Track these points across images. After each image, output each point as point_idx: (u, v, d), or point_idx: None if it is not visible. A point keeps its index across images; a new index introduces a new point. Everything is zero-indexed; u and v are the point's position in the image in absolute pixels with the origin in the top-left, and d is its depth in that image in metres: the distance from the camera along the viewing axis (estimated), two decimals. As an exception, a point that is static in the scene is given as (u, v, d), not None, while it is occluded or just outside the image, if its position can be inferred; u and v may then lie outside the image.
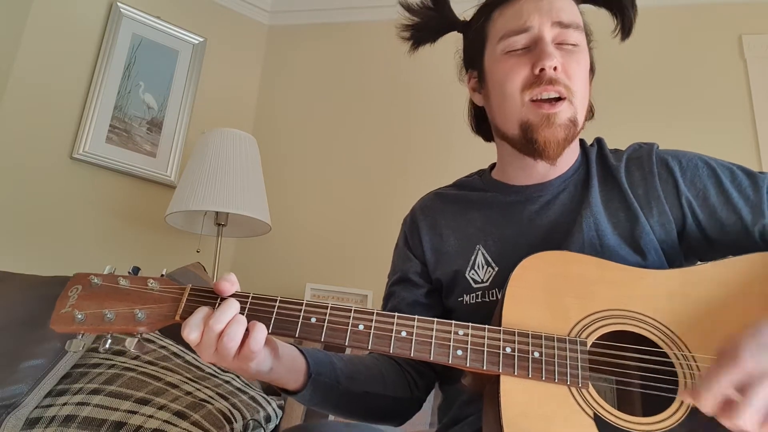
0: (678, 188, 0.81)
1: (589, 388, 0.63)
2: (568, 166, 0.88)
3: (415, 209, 0.99)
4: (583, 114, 0.84)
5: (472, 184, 0.97)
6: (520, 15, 0.83)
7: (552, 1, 0.83)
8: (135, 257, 2.01)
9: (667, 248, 0.80)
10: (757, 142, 1.91)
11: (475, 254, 0.87)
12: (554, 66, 0.79)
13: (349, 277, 2.07)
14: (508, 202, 0.89)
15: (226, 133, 1.91)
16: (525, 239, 0.83)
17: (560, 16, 0.81)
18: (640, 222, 0.80)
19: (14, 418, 1.08)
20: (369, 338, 0.66)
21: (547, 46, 0.80)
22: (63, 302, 0.69)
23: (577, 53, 0.82)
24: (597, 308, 0.68)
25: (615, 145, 0.94)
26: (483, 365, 0.64)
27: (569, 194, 0.86)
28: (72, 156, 1.94)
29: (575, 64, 0.81)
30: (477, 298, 0.84)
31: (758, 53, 1.99)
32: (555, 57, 0.79)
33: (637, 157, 0.86)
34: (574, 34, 0.82)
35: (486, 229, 0.88)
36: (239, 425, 1.16)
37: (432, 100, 2.20)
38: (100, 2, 2.12)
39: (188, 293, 0.69)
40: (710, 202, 0.80)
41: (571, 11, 0.84)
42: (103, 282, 0.71)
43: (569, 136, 0.81)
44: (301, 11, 2.49)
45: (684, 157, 0.84)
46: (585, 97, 0.84)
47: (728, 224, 0.79)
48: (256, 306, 0.68)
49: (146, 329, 0.67)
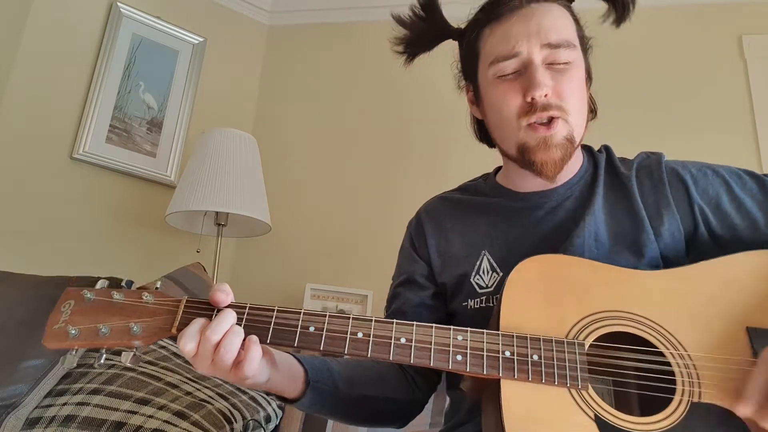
0: (690, 197, 0.82)
1: (589, 389, 0.63)
2: (572, 173, 0.89)
3: (420, 212, 0.99)
4: (581, 127, 0.84)
5: (477, 189, 0.97)
6: (508, 39, 0.82)
7: (541, 20, 0.81)
8: (135, 257, 2.02)
9: (672, 256, 0.80)
10: (757, 142, 1.91)
11: (481, 259, 0.87)
12: (545, 93, 0.79)
13: (349, 277, 2.07)
14: (513, 208, 0.89)
15: (226, 133, 1.91)
16: (530, 245, 0.84)
17: (549, 37, 0.80)
18: (645, 231, 0.80)
19: (14, 418, 1.08)
20: (368, 346, 0.66)
21: (536, 72, 0.79)
22: (56, 318, 0.68)
23: (569, 71, 0.81)
24: (593, 310, 0.68)
25: (615, 146, 0.94)
26: (483, 370, 0.64)
27: (574, 200, 0.86)
28: (72, 156, 1.94)
29: (567, 83, 0.80)
30: (481, 303, 0.84)
31: (758, 53, 1.99)
32: (544, 84, 0.78)
33: (647, 165, 0.87)
34: (565, 53, 0.81)
35: (491, 235, 0.88)
36: (239, 425, 1.16)
37: (432, 100, 2.20)
38: (100, 2, 2.12)
39: (184, 305, 0.68)
40: (723, 208, 0.81)
41: (562, 28, 0.82)
42: (96, 296, 0.69)
43: (566, 155, 0.81)
44: (301, 11, 2.49)
45: (694, 167, 0.85)
46: (581, 111, 0.83)
47: (741, 229, 0.80)
48: (253, 316, 0.68)
49: (142, 343, 0.67)
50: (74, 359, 0.66)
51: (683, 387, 0.63)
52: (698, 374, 0.63)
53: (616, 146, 0.95)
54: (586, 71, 0.87)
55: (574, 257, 0.74)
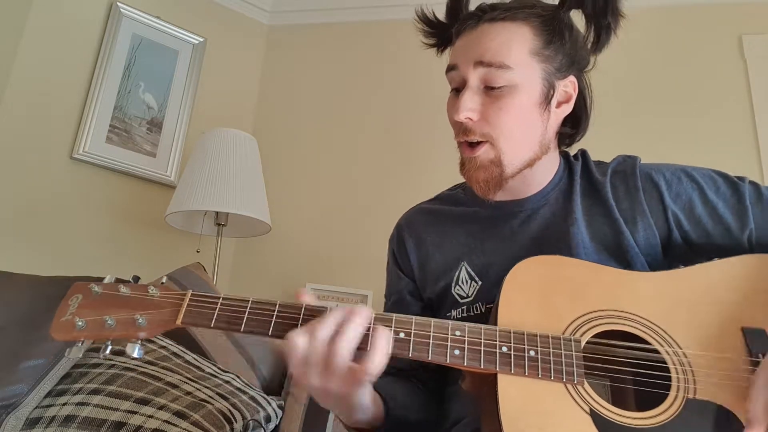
0: (663, 202, 0.82)
1: (585, 385, 0.64)
2: (544, 183, 0.89)
3: (400, 225, 0.99)
4: (516, 152, 0.82)
5: (455, 198, 0.98)
6: (454, 52, 0.85)
7: (481, 38, 0.80)
8: (135, 257, 2.02)
9: (651, 260, 0.81)
10: (757, 142, 1.91)
11: (459, 270, 0.87)
12: (466, 117, 0.80)
13: (349, 277, 2.07)
14: (489, 217, 0.90)
15: (226, 133, 1.91)
16: (508, 253, 0.84)
17: (483, 55, 0.79)
18: (624, 236, 0.81)
19: (14, 418, 1.08)
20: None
21: (464, 94, 0.80)
22: (63, 311, 0.69)
23: (502, 98, 0.79)
24: (589, 309, 0.69)
25: (613, 147, 0.94)
26: (480, 364, 0.65)
27: (550, 208, 0.87)
28: (72, 156, 1.95)
29: (496, 111, 0.79)
30: (463, 313, 0.85)
31: (758, 53, 1.99)
32: (464, 110, 0.79)
33: (622, 170, 0.86)
34: (498, 73, 0.78)
35: (469, 245, 0.88)
36: (239, 425, 1.16)
37: (433, 100, 2.19)
38: (100, 2, 2.12)
39: (189, 298, 0.69)
40: (696, 213, 0.81)
41: (500, 49, 0.79)
42: (103, 290, 0.71)
43: (491, 177, 0.82)
44: (301, 11, 2.49)
45: (668, 171, 0.85)
46: (519, 136, 0.81)
47: (715, 234, 0.80)
48: (255, 310, 0.68)
49: (147, 334, 0.68)
50: (80, 351, 0.67)
51: (678, 383, 0.64)
52: (693, 371, 0.64)
53: (615, 147, 0.95)
54: (545, 94, 0.82)
55: (571, 258, 0.75)
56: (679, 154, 1.02)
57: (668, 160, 0.89)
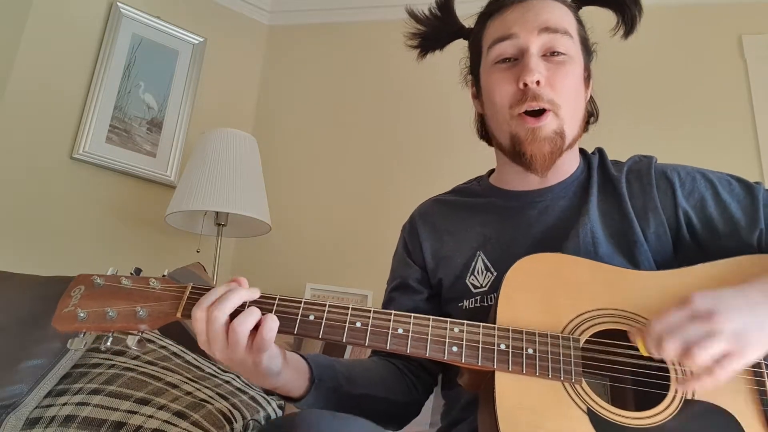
0: (676, 198, 0.82)
1: (582, 383, 0.64)
2: (569, 174, 0.89)
3: (414, 216, 0.99)
4: (573, 124, 0.84)
5: (471, 190, 0.98)
6: (506, 23, 0.84)
7: (539, 10, 0.83)
8: (135, 257, 2.01)
9: (661, 259, 0.80)
10: (757, 142, 1.91)
11: (476, 260, 0.87)
12: (536, 80, 0.79)
13: (349, 277, 2.07)
14: (507, 208, 0.90)
15: (226, 133, 1.91)
16: (523, 244, 0.84)
17: (548, 22, 0.82)
18: (635, 233, 0.80)
19: (14, 418, 1.08)
20: (366, 335, 0.67)
21: (530, 58, 0.80)
22: (66, 302, 0.70)
23: (565, 65, 0.82)
24: (588, 308, 0.69)
25: (613, 147, 0.95)
26: (478, 361, 0.65)
27: (568, 201, 0.87)
28: (72, 156, 1.95)
29: (562, 77, 0.81)
30: (476, 303, 0.85)
31: (758, 53, 1.99)
32: (537, 71, 0.79)
33: (637, 169, 0.87)
34: (563, 40, 0.82)
35: (485, 235, 0.88)
36: (239, 425, 1.16)
37: (433, 101, 2.20)
38: (100, 2, 2.12)
39: (189, 291, 0.70)
40: (707, 212, 0.81)
41: (561, 18, 0.84)
42: (105, 282, 0.72)
43: (555, 149, 0.82)
44: (301, 11, 2.49)
45: (683, 170, 0.85)
46: (575, 108, 0.84)
47: (724, 234, 0.80)
48: (256, 304, 0.69)
49: (147, 326, 0.68)
50: (81, 342, 0.68)
51: (677, 384, 0.64)
52: (692, 371, 0.64)
53: (615, 147, 0.95)
54: (586, 71, 0.88)
55: (571, 256, 0.74)
56: (679, 154, 1.02)
57: (668, 160, 0.89)
